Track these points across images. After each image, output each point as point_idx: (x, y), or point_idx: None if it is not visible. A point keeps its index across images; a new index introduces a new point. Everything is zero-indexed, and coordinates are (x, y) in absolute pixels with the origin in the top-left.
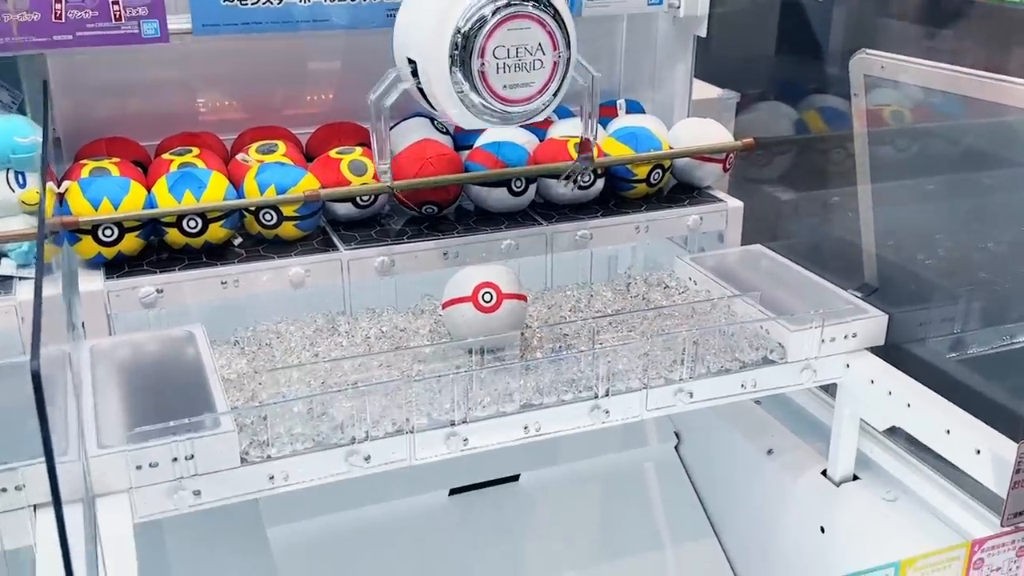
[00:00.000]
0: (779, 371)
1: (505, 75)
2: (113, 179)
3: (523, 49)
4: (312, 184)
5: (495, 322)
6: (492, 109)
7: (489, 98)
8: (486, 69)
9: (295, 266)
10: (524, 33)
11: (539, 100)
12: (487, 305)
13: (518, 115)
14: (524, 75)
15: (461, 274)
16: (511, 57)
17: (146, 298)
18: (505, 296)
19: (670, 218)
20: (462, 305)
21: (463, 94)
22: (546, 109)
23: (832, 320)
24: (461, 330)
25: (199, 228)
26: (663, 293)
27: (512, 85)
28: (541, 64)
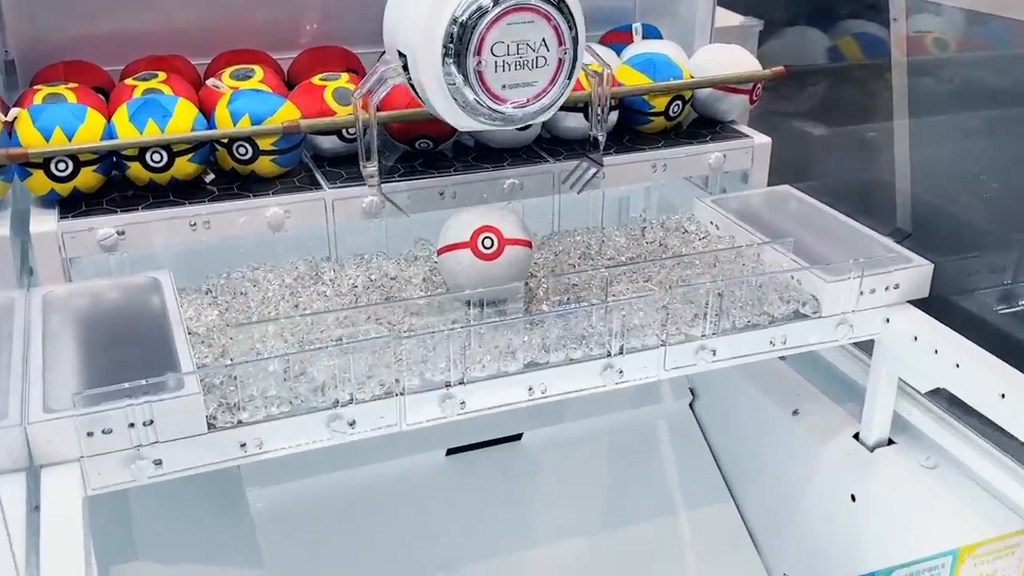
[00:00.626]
0: (812, 326)
1: (504, 74)
2: (67, 106)
3: (525, 46)
4: (292, 114)
5: (496, 270)
6: (489, 110)
7: (485, 98)
8: (483, 68)
9: (273, 206)
10: (526, 28)
11: (542, 101)
12: (487, 252)
13: (518, 118)
14: (526, 74)
15: (459, 217)
16: (511, 55)
17: (105, 240)
18: (507, 242)
19: (690, 155)
20: (459, 251)
21: (455, 88)
22: (549, 111)
23: (872, 270)
24: (458, 279)
25: (164, 162)
26: (682, 239)
27: (512, 85)
28: (545, 62)
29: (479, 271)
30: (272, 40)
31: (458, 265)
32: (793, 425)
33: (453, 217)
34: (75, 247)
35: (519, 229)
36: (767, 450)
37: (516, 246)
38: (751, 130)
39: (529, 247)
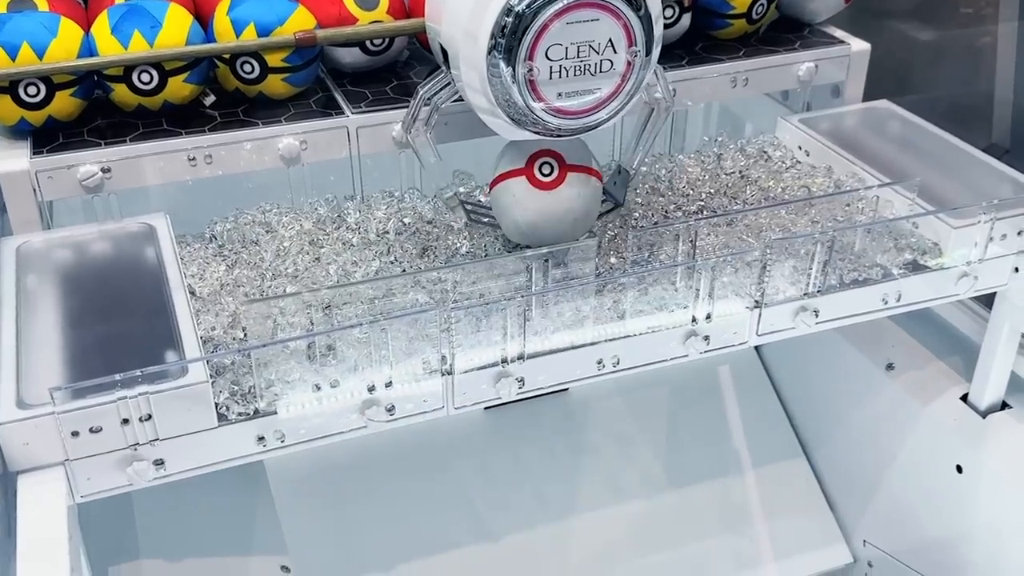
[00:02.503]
0: (931, 280)
1: (561, 81)
2: (35, 16)
3: (587, 47)
4: (306, 22)
5: (556, 203)
6: (540, 120)
7: (538, 108)
8: (535, 76)
9: (287, 135)
10: (590, 27)
11: (605, 110)
12: (546, 179)
13: (575, 129)
14: (586, 80)
15: (514, 142)
16: (570, 58)
17: (88, 180)
18: (570, 168)
19: (777, 66)
20: (512, 180)
21: (502, 91)
22: (612, 119)
23: (1005, 212)
24: (512, 214)
25: (155, 83)
26: (766, 168)
27: (570, 93)
28: (611, 65)
29: (536, 203)
30: None
31: (511, 197)
32: (887, 381)
33: (507, 143)
34: (52, 189)
35: (585, 154)
36: (852, 407)
37: (581, 174)
38: (846, 35)
39: (597, 178)
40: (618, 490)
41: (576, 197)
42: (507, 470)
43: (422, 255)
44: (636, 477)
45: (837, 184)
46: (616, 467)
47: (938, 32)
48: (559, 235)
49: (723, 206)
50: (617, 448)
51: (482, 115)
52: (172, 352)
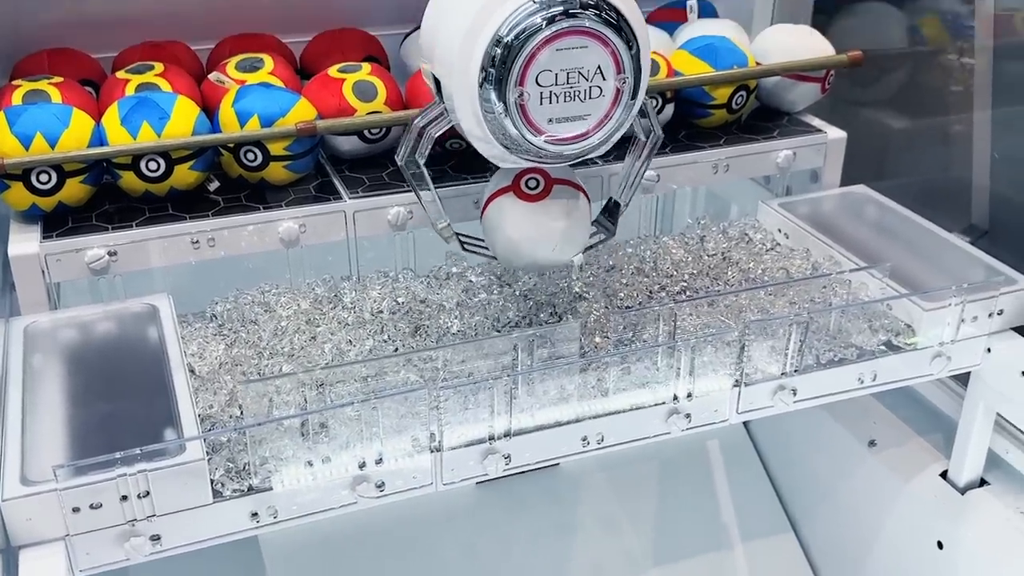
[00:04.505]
0: (906, 360)
1: (551, 106)
2: (49, 107)
3: (576, 74)
4: (307, 113)
5: (543, 213)
6: (532, 146)
7: (529, 134)
8: (525, 101)
9: (287, 219)
10: (579, 55)
11: (596, 136)
12: (532, 192)
13: (565, 156)
14: (576, 106)
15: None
16: (560, 84)
17: (95, 263)
18: (555, 181)
19: (757, 153)
20: (501, 198)
21: (493, 119)
22: (603, 146)
23: (975, 295)
24: (503, 231)
25: (162, 171)
26: (747, 250)
27: (561, 119)
28: (600, 92)
29: (525, 215)
30: (282, 21)
31: (499, 215)
32: (869, 457)
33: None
34: (60, 271)
35: (569, 172)
36: (837, 482)
37: (566, 186)
38: (823, 123)
39: (582, 192)
40: (606, 569)
41: (563, 207)
42: (495, 548)
43: (414, 334)
44: (624, 554)
45: (815, 267)
46: (604, 544)
47: (914, 120)
48: (549, 249)
49: (705, 287)
50: (605, 525)
51: (475, 143)
52: (171, 430)
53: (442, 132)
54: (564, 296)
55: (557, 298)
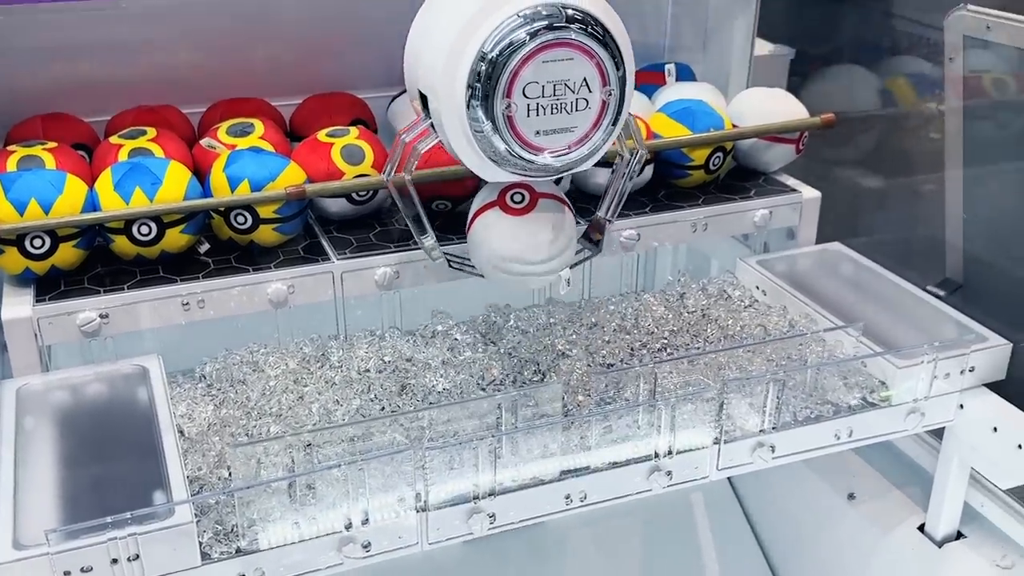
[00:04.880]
0: (880, 416)
1: (538, 118)
2: (44, 174)
3: (563, 86)
4: (297, 177)
5: (530, 226)
6: (520, 159)
7: (516, 146)
8: (513, 113)
9: (276, 281)
10: (565, 67)
11: (582, 149)
12: (518, 206)
13: (554, 168)
14: (563, 118)
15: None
16: (547, 96)
17: (87, 326)
18: (540, 195)
19: (734, 213)
20: (486, 213)
21: (482, 135)
22: (590, 160)
23: (947, 352)
24: (490, 244)
25: (153, 235)
26: (726, 306)
27: (548, 131)
28: (586, 104)
29: (511, 229)
30: (272, 85)
31: (486, 230)
32: (849, 510)
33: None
34: (53, 334)
35: (553, 189)
36: (818, 535)
37: (551, 200)
38: (798, 183)
39: (567, 206)
40: None
41: (549, 220)
42: None
43: (401, 392)
44: None
45: (791, 323)
46: None
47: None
48: (538, 262)
49: (685, 344)
50: None
51: (463, 156)
52: (160, 493)
53: (429, 148)
54: (548, 354)
55: (541, 356)
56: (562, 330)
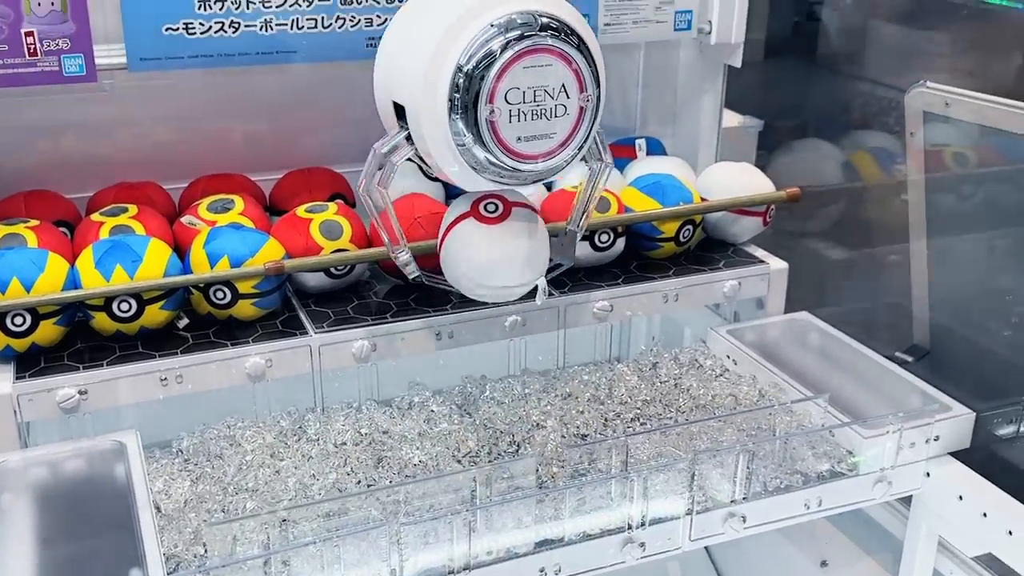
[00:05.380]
0: (849, 486)
1: (519, 124)
2: (26, 252)
3: (543, 92)
4: (276, 252)
5: (505, 235)
6: (502, 166)
7: (499, 153)
8: (496, 118)
9: (253, 355)
10: (545, 72)
11: (561, 155)
12: (492, 215)
13: (534, 174)
14: (543, 124)
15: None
16: (527, 102)
17: (66, 402)
18: (513, 204)
19: (704, 283)
20: (460, 224)
21: (464, 148)
22: (569, 165)
23: (912, 422)
24: (465, 254)
25: (133, 311)
26: (697, 376)
27: (528, 137)
28: (565, 110)
29: (486, 238)
30: (252, 160)
31: (461, 242)
32: None
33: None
34: (32, 410)
35: (524, 197)
36: None
37: (525, 209)
38: (766, 254)
39: (538, 213)
40: None
41: (523, 229)
42: None
43: (378, 465)
44: None
45: (761, 392)
46: None
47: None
48: (513, 271)
49: (658, 413)
50: None
51: (443, 166)
52: (137, 570)
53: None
54: (523, 425)
55: (516, 427)
56: (537, 400)
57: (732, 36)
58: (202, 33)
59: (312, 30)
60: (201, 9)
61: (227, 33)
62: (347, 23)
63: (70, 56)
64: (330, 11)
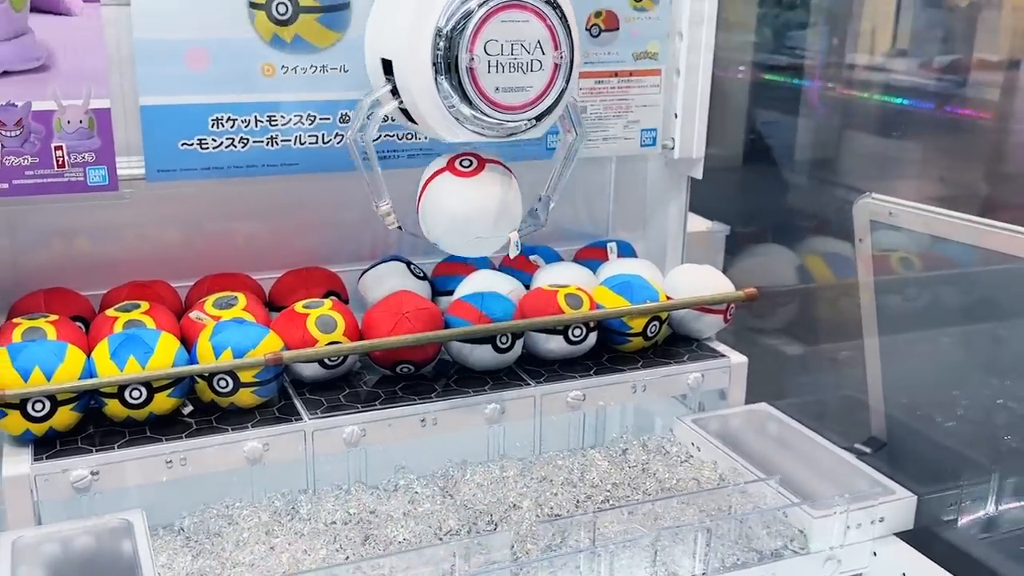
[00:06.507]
0: (801, 563)
1: (498, 75)
2: (46, 344)
3: (519, 46)
4: (275, 345)
5: (479, 186)
6: (482, 119)
7: (479, 101)
8: (475, 66)
9: (252, 440)
10: (521, 27)
11: (536, 108)
12: (466, 169)
13: (512, 124)
14: (520, 77)
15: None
16: (505, 54)
17: (79, 482)
18: (487, 160)
19: (669, 375)
20: (436, 179)
21: (448, 104)
22: (542, 120)
23: (858, 504)
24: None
25: (143, 399)
26: (664, 461)
27: (506, 88)
28: (540, 65)
29: (461, 190)
30: (254, 260)
31: (437, 194)
32: None
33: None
34: (48, 490)
35: (496, 156)
36: None
37: (497, 165)
38: (727, 348)
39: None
40: None
41: (497, 182)
42: None
43: (364, 542)
44: None
45: (721, 477)
46: None
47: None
48: (487, 222)
49: (626, 496)
50: None
51: (428, 118)
52: None
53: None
54: (500, 505)
55: (494, 507)
56: (514, 483)
57: (693, 151)
58: (214, 148)
59: (312, 145)
60: (214, 127)
61: (236, 148)
62: (343, 139)
63: (94, 168)
64: (330, 128)
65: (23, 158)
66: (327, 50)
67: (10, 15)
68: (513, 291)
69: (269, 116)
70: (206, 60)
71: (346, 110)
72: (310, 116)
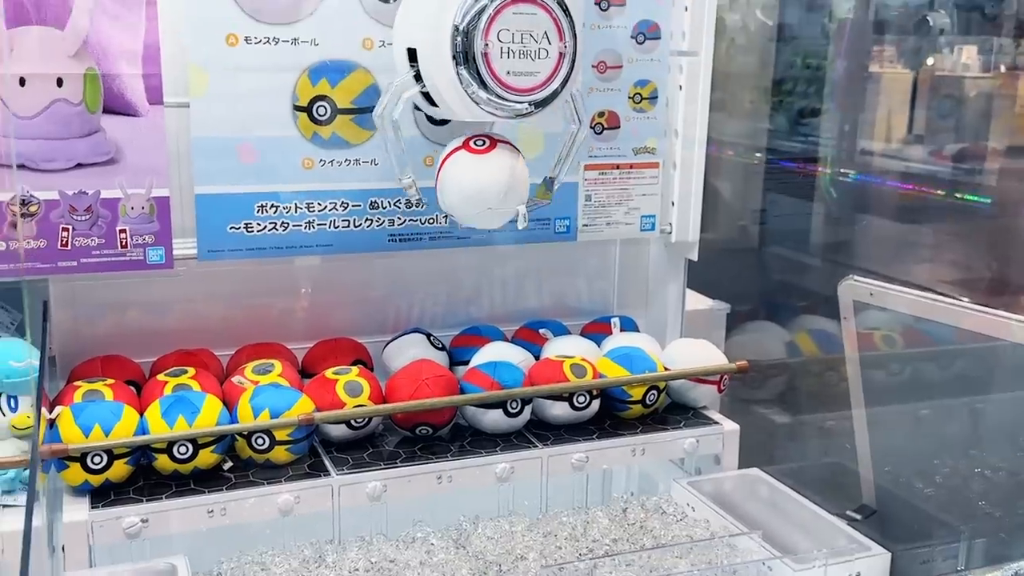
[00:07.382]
0: None
1: (508, 60)
2: (105, 404)
3: (528, 36)
4: (307, 407)
5: (492, 161)
6: (496, 101)
7: (493, 84)
8: (489, 51)
9: (284, 492)
10: (530, 19)
11: (542, 92)
12: (480, 147)
13: (522, 105)
14: (528, 63)
15: None
16: (515, 42)
17: (130, 528)
18: (499, 140)
19: (666, 440)
20: (454, 155)
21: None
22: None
23: (836, 559)
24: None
25: (189, 454)
26: (661, 520)
27: (516, 72)
28: (547, 54)
29: (476, 165)
30: (288, 332)
31: (454, 168)
32: None
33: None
34: (103, 535)
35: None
36: None
37: (506, 144)
38: (721, 417)
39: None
40: None
41: (508, 157)
42: None
43: None
44: None
45: (712, 534)
46: None
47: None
48: (497, 195)
49: (624, 550)
50: None
51: (448, 99)
52: None
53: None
54: (508, 557)
55: (503, 558)
56: (522, 537)
57: (689, 235)
58: (258, 231)
59: (345, 228)
60: (259, 212)
61: (278, 231)
62: (373, 223)
63: (153, 248)
64: (360, 214)
65: (91, 239)
66: (360, 146)
67: (85, 116)
68: (523, 361)
69: (308, 203)
70: (255, 154)
71: (375, 198)
72: (343, 203)
